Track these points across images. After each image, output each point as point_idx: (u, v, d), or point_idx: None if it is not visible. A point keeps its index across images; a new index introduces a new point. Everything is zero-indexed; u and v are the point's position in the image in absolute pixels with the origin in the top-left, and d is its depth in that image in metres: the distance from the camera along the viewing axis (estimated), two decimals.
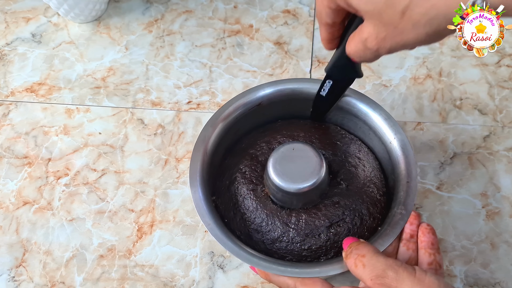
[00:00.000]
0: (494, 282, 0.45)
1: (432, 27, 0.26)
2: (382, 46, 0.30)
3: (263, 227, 0.40)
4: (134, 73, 0.60)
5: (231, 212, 0.42)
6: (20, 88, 0.60)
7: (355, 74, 0.39)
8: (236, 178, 0.43)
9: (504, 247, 0.47)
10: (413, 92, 0.56)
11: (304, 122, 0.46)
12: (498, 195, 0.50)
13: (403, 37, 0.28)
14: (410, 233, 0.36)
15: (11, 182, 0.53)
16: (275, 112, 0.47)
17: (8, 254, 0.49)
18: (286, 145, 0.39)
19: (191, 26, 0.63)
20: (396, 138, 0.41)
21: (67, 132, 0.56)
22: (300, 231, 0.39)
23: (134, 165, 0.53)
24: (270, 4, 0.65)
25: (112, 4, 0.66)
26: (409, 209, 0.37)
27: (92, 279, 0.47)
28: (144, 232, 0.49)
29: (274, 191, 0.40)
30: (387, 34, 0.29)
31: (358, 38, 0.31)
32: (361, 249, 0.33)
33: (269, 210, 0.40)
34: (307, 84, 0.45)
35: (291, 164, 0.38)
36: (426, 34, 0.27)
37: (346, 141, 0.45)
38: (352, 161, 0.43)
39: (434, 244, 0.35)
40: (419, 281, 0.30)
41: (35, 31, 0.64)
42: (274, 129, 0.46)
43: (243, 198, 0.42)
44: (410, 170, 0.39)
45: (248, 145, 0.45)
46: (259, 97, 0.45)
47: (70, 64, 0.61)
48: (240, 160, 0.44)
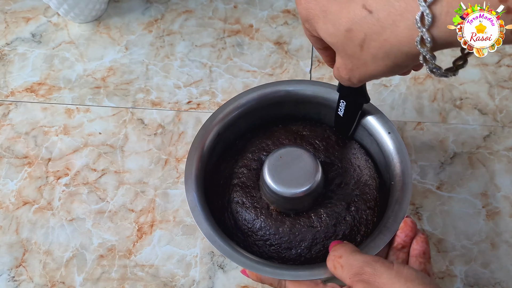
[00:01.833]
0: (494, 282, 0.45)
1: (390, 60, 0.28)
2: (351, 76, 0.31)
3: (258, 231, 0.40)
4: (134, 73, 0.60)
5: (225, 215, 0.42)
6: (20, 88, 0.60)
7: (362, 98, 0.39)
8: (231, 182, 0.43)
9: (504, 247, 0.47)
10: (413, 92, 0.56)
11: (299, 123, 0.46)
12: (498, 195, 0.50)
13: (367, 69, 0.30)
14: (402, 243, 0.35)
15: (11, 182, 0.53)
16: (270, 114, 0.46)
17: (8, 254, 0.49)
18: (281, 150, 0.39)
19: (191, 26, 0.63)
20: (390, 137, 0.41)
21: (67, 132, 0.56)
22: (295, 235, 0.39)
23: (134, 165, 0.53)
24: (270, 4, 0.65)
25: (112, 4, 0.66)
26: (401, 215, 0.37)
27: (92, 279, 0.47)
28: (144, 232, 0.49)
29: (269, 196, 0.39)
30: (353, 65, 0.30)
31: (334, 66, 0.33)
32: (338, 250, 0.33)
33: (264, 214, 0.40)
34: (302, 86, 0.45)
35: (287, 169, 0.38)
36: (386, 66, 0.28)
37: (342, 143, 0.45)
38: (347, 163, 0.43)
39: (426, 253, 0.34)
40: (397, 273, 0.30)
41: (35, 31, 0.64)
42: (270, 132, 0.46)
43: (238, 202, 0.41)
44: (405, 171, 0.39)
45: (243, 149, 0.45)
46: (252, 100, 0.44)
47: (70, 64, 0.61)
48: (235, 165, 0.44)
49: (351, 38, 0.28)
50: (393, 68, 0.29)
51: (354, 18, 0.27)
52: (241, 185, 0.42)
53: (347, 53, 0.30)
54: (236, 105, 0.44)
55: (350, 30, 0.28)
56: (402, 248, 0.35)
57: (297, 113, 0.47)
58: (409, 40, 0.26)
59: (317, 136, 0.45)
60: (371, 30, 0.27)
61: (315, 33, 0.31)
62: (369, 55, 0.28)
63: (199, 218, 0.38)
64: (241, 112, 0.44)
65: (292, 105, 0.46)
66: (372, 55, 0.28)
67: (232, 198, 0.42)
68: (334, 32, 0.29)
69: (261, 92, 0.44)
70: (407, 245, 0.35)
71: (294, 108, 0.46)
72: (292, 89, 0.45)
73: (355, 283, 0.30)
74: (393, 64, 0.28)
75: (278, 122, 0.47)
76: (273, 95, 0.45)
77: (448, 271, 0.46)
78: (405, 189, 0.38)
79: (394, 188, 0.39)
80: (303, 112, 0.47)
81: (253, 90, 0.44)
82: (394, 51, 0.27)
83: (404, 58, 0.27)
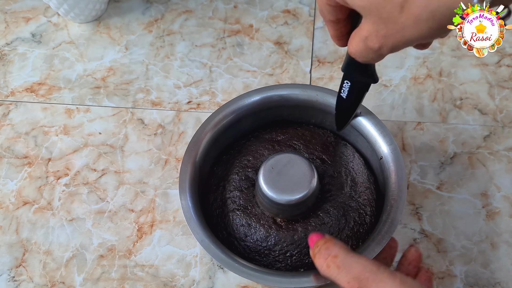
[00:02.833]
0: (494, 282, 0.45)
1: (435, 21, 0.24)
2: (383, 44, 0.28)
3: (274, 246, 0.40)
4: (134, 73, 0.60)
5: (235, 243, 0.41)
6: (20, 88, 0.60)
7: (370, 78, 0.36)
8: (229, 209, 0.42)
9: (504, 247, 0.47)
10: (413, 92, 0.56)
11: (268, 130, 0.46)
12: (498, 195, 0.49)
13: (405, 34, 0.26)
14: (406, 272, 0.35)
15: (11, 182, 0.53)
16: (265, 119, 0.46)
17: (8, 254, 0.49)
18: (276, 156, 0.39)
19: (191, 26, 0.63)
20: (388, 148, 0.41)
21: (67, 132, 0.56)
22: (290, 241, 0.39)
23: (134, 165, 0.53)
24: (270, 4, 0.65)
25: (112, 4, 0.66)
26: (395, 223, 0.37)
27: (92, 279, 0.47)
28: (144, 232, 0.49)
29: (274, 208, 0.39)
30: (387, 31, 0.27)
31: (358, 37, 0.29)
32: (332, 249, 0.31)
33: (274, 228, 0.40)
34: (296, 90, 0.44)
35: (282, 175, 0.38)
36: (430, 28, 0.25)
37: (338, 148, 0.45)
38: (342, 169, 0.43)
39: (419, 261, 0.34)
40: (402, 282, 0.28)
41: (35, 31, 0.64)
42: (244, 147, 0.45)
43: (244, 225, 0.41)
44: (400, 174, 0.39)
45: (226, 173, 0.44)
46: (247, 104, 0.44)
47: (70, 64, 0.61)
48: (225, 191, 0.43)
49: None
50: (437, 31, 0.25)
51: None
52: (240, 208, 0.41)
53: (382, 16, 0.26)
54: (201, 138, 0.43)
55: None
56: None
57: (295, 116, 0.46)
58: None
59: (292, 137, 0.45)
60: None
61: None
62: (411, 17, 0.25)
63: (216, 255, 0.37)
64: (238, 117, 0.44)
65: (292, 109, 0.45)
66: (415, 16, 0.25)
67: (235, 224, 0.41)
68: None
69: (268, 95, 0.44)
70: (412, 275, 0.34)
71: (293, 112, 0.46)
72: (294, 93, 0.44)
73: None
74: (438, 26, 0.25)
75: (247, 134, 0.46)
76: (281, 98, 0.44)
77: (448, 271, 0.46)
78: (400, 194, 0.38)
79: (389, 191, 0.39)
80: (271, 117, 0.46)
81: (257, 92, 0.44)
82: (443, 9, 0.24)
83: (452, 17, 0.24)
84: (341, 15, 0.30)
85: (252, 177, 0.42)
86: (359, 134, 0.43)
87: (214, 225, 0.41)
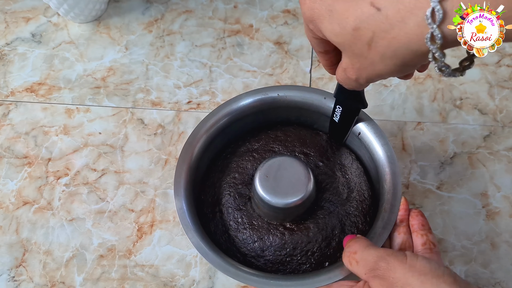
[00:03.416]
0: (495, 282, 0.45)
1: (399, 58, 0.27)
2: (359, 76, 0.31)
3: (248, 241, 0.40)
4: (134, 73, 0.60)
5: (228, 246, 0.41)
6: (20, 88, 0.60)
7: (360, 103, 0.39)
8: (223, 212, 0.42)
9: (504, 247, 0.47)
10: (413, 92, 0.56)
11: (247, 141, 0.46)
12: (498, 195, 0.49)
13: (375, 68, 0.29)
14: (400, 218, 0.38)
15: (11, 182, 0.53)
16: (260, 120, 0.46)
17: (8, 254, 0.49)
18: (272, 159, 0.39)
19: (191, 26, 0.63)
20: (382, 148, 0.41)
21: (67, 132, 0.56)
22: (307, 240, 0.39)
23: (134, 165, 0.53)
24: (270, 4, 0.65)
25: (112, 4, 0.66)
26: (397, 201, 0.38)
27: (92, 279, 0.47)
28: (144, 232, 0.49)
29: (269, 211, 0.39)
30: (360, 64, 0.30)
31: (340, 67, 0.32)
32: (352, 246, 0.34)
33: (269, 232, 0.40)
34: (291, 92, 0.44)
35: (278, 179, 0.38)
36: (395, 65, 0.28)
37: (333, 150, 0.45)
38: (338, 171, 0.43)
39: (424, 225, 0.36)
40: (411, 266, 0.30)
41: (35, 31, 0.64)
42: (240, 150, 0.45)
43: (239, 228, 0.41)
44: (394, 170, 0.40)
45: (222, 175, 0.44)
46: (241, 107, 0.44)
47: (70, 64, 0.61)
48: (221, 193, 0.43)
49: (358, 36, 0.28)
50: (402, 67, 0.28)
51: (362, 16, 0.27)
52: (246, 227, 0.41)
53: (354, 52, 0.29)
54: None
55: (358, 29, 0.27)
56: (401, 223, 0.38)
57: (290, 116, 0.46)
58: (418, 37, 0.25)
59: (268, 142, 0.45)
60: (380, 28, 0.26)
61: (319, 34, 0.31)
62: (377, 54, 0.28)
63: (215, 264, 0.37)
64: (233, 118, 0.44)
65: (288, 110, 0.45)
66: (381, 54, 0.28)
67: (248, 243, 0.40)
68: (340, 31, 0.28)
69: (261, 97, 0.44)
70: (404, 219, 0.38)
71: (287, 113, 0.45)
72: (289, 94, 0.44)
73: (371, 279, 0.31)
74: (402, 63, 0.28)
75: (225, 150, 0.46)
76: (274, 100, 0.44)
77: None
78: (395, 192, 0.39)
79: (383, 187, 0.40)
80: (249, 122, 0.46)
81: (251, 93, 0.44)
82: (403, 49, 0.26)
83: (412, 57, 0.27)
84: (328, 47, 0.33)
85: (245, 193, 0.42)
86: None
87: (225, 252, 0.40)
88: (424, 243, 0.35)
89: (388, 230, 0.37)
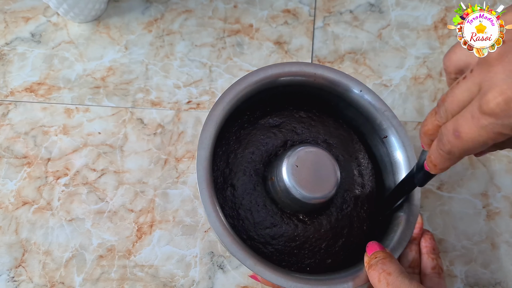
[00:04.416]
0: (495, 282, 0.45)
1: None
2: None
3: (260, 226, 0.39)
4: (134, 73, 0.60)
5: (223, 196, 0.40)
6: (20, 88, 0.60)
7: (420, 184, 0.36)
8: (237, 165, 0.40)
9: (504, 247, 0.47)
10: (414, 92, 0.56)
11: (310, 110, 0.44)
12: (498, 195, 0.49)
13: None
14: (413, 235, 0.38)
15: (11, 182, 0.53)
16: (286, 94, 0.43)
17: (7, 255, 0.49)
18: (304, 149, 0.37)
19: (191, 26, 0.63)
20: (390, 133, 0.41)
21: (67, 132, 0.56)
22: (318, 236, 0.39)
23: (134, 165, 0.53)
24: (270, 3, 0.65)
25: (112, 4, 0.66)
26: (413, 217, 0.38)
27: (91, 280, 0.47)
28: (143, 232, 0.49)
29: (279, 192, 0.38)
30: None
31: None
32: (388, 266, 0.33)
33: (269, 210, 0.40)
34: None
35: (307, 171, 0.36)
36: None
37: (353, 145, 0.44)
38: (355, 169, 0.43)
39: (435, 249, 0.37)
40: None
41: (35, 31, 0.64)
42: (282, 115, 0.42)
43: (243, 189, 0.39)
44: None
45: (238, 146, 0.41)
46: (279, 75, 0.41)
47: (69, 64, 0.61)
48: (237, 168, 0.41)
49: None
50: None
51: None
52: (259, 209, 0.39)
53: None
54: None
55: None
56: (414, 240, 0.38)
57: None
58: None
59: (291, 121, 0.43)
60: None
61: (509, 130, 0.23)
62: None
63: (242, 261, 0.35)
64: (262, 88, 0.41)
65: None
66: None
67: (259, 228, 0.39)
68: None
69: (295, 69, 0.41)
70: (417, 237, 0.38)
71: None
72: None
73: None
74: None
75: (242, 117, 0.43)
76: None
77: (448, 271, 0.46)
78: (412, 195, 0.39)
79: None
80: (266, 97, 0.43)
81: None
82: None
83: None
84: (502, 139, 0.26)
85: (261, 172, 0.40)
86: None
87: (224, 172, 0.39)
88: (434, 267, 0.36)
89: (403, 246, 0.37)
